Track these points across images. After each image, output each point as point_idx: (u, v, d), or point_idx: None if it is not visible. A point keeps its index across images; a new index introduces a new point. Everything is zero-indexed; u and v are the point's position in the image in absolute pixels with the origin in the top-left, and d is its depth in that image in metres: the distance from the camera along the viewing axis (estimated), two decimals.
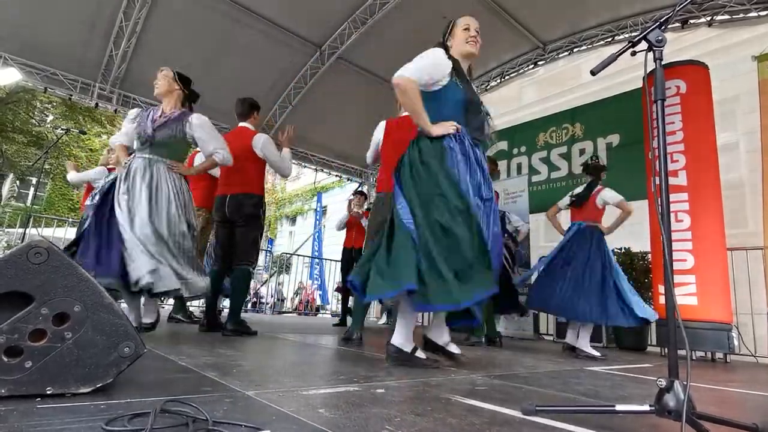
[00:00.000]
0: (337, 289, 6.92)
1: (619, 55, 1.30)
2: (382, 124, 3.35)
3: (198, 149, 3.43)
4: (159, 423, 0.89)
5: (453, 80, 2.18)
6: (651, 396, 1.11)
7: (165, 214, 2.59)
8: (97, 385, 1.12)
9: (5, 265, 1.06)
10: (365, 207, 6.05)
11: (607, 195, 3.75)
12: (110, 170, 4.80)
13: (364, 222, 5.58)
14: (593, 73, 1.32)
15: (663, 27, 1.25)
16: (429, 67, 2.15)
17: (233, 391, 1.29)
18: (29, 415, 0.91)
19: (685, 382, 1.03)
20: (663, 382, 1.06)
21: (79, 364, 1.10)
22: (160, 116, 2.80)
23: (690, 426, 0.99)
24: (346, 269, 5.68)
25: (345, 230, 5.92)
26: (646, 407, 1.09)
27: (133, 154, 2.77)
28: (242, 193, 3.35)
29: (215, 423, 0.91)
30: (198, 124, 2.85)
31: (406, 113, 3.39)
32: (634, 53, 1.30)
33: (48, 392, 1.06)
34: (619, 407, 1.15)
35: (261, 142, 3.40)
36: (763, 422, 1.12)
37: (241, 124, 3.57)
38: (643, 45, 1.28)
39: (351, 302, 6.13)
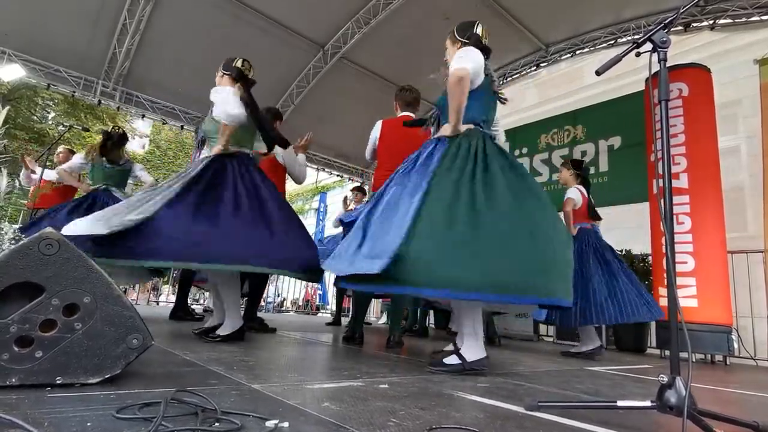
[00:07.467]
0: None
1: (624, 55, 1.31)
2: (379, 124, 3.36)
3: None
4: (169, 412, 0.90)
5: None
6: (651, 395, 1.12)
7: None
8: (106, 376, 1.13)
9: (17, 256, 1.08)
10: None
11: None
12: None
13: None
14: (598, 73, 1.34)
15: (667, 28, 1.27)
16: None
17: (239, 384, 1.31)
18: (41, 403, 0.93)
19: (686, 379, 1.04)
20: (665, 378, 1.08)
21: (88, 354, 1.11)
22: None
23: (691, 422, 1.01)
24: None
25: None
26: (648, 403, 1.10)
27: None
28: None
29: (223, 413, 0.93)
30: (211, 96, 2.50)
31: (402, 114, 3.40)
32: (638, 54, 1.31)
33: (57, 382, 1.07)
34: (620, 403, 1.17)
35: (283, 150, 3.50)
36: (764, 421, 1.14)
37: None
38: (648, 46, 1.30)
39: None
